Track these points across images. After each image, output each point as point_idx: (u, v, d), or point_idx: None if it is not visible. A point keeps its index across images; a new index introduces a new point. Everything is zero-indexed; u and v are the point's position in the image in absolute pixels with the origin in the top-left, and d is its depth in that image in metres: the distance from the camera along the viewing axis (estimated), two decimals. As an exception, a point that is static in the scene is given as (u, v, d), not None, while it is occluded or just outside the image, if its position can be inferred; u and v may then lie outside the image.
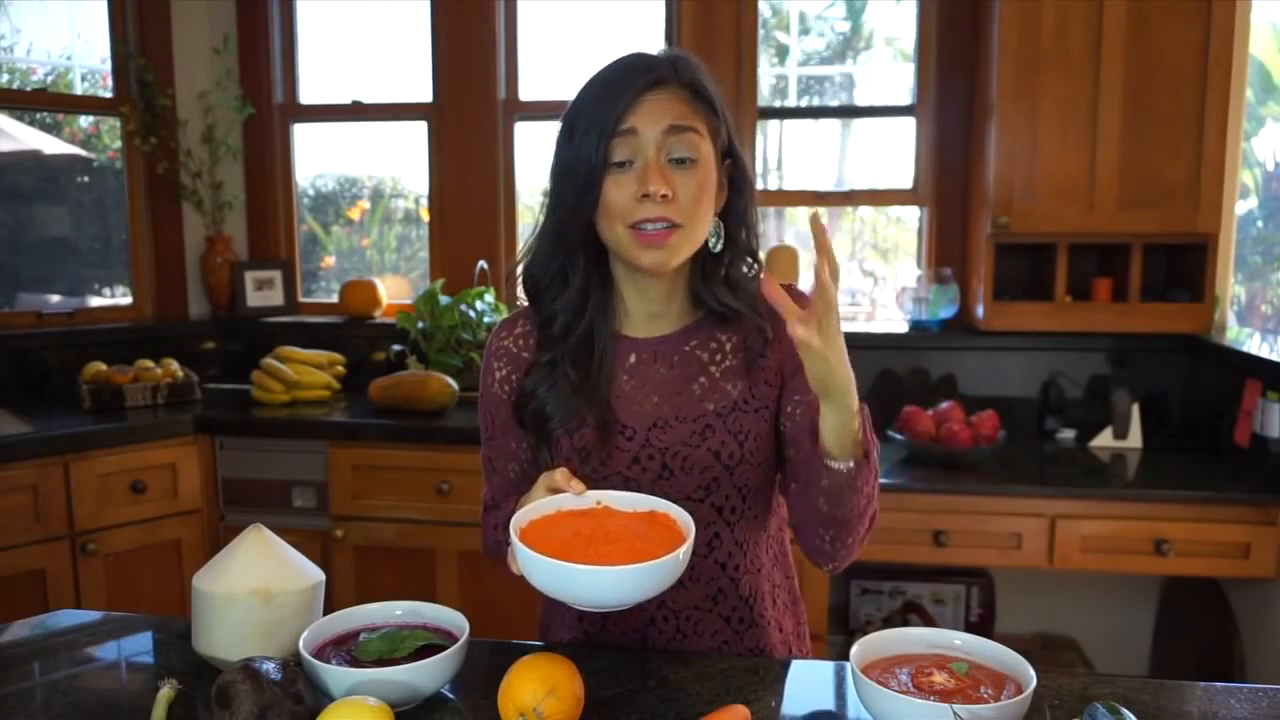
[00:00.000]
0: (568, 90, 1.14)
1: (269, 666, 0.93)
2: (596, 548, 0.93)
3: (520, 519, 0.98)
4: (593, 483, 1.11)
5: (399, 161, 3.51)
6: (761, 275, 1.20)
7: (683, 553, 0.91)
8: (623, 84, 1.08)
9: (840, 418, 0.99)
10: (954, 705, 0.86)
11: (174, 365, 2.88)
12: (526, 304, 1.23)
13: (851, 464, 1.02)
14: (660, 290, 1.17)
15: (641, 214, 1.07)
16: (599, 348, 1.16)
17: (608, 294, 1.18)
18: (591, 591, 0.90)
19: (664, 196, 1.06)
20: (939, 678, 0.94)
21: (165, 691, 1.00)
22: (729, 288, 1.17)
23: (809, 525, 1.11)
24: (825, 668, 1.13)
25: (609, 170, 1.08)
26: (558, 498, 1.02)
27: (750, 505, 1.17)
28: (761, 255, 1.22)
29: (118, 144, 3.23)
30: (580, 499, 1.02)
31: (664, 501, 1.02)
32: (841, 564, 1.13)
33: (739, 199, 1.17)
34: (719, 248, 1.16)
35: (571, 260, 1.14)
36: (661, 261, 1.09)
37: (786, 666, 1.12)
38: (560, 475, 1.02)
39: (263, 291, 3.28)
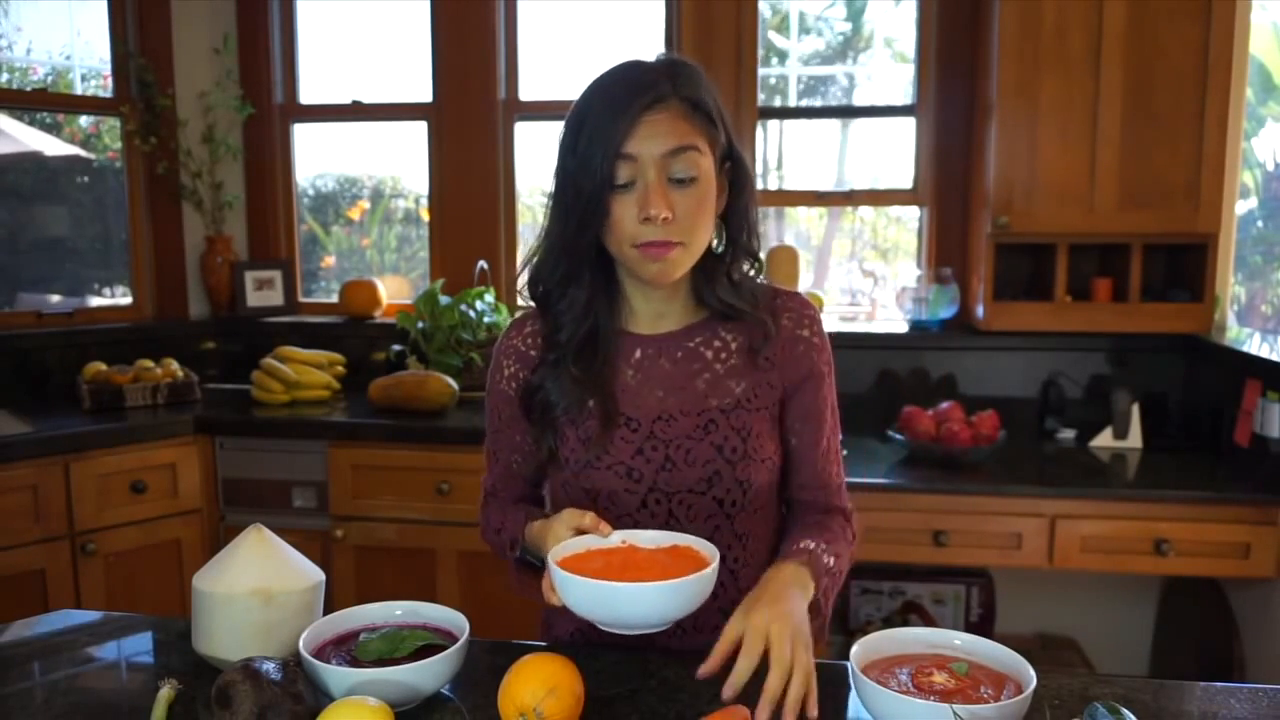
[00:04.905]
0: (567, 90, 1.15)
1: (269, 666, 0.93)
2: (630, 574, 0.99)
3: (555, 554, 1.03)
4: (596, 471, 1.16)
5: (399, 161, 3.51)
6: (762, 279, 1.23)
7: (710, 570, 0.98)
8: (623, 103, 1.08)
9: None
10: (954, 705, 0.86)
11: (174, 365, 2.88)
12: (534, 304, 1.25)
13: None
14: (664, 292, 1.19)
15: (645, 237, 1.09)
16: (603, 346, 1.19)
17: (613, 296, 1.21)
18: (626, 609, 0.96)
19: (665, 219, 1.07)
20: (939, 678, 0.94)
21: (165, 691, 1.00)
22: (731, 287, 1.19)
23: None
24: (825, 668, 1.13)
25: (613, 191, 1.09)
26: (585, 538, 1.07)
27: (752, 499, 1.19)
28: (762, 255, 1.23)
29: (118, 144, 3.23)
30: (607, 540, 1.07)
31: (684, 535, 1.08)
32: None
33: (739, 199, 1.18)
34: (720, 249, 1.18)
35: (576, 271, 1.16)
36: (663, 274, 1.12)
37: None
38: (590, 519, 1.07)
39: (263, 291, 3.29)
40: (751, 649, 0.92)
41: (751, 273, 1.22)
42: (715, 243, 1.17)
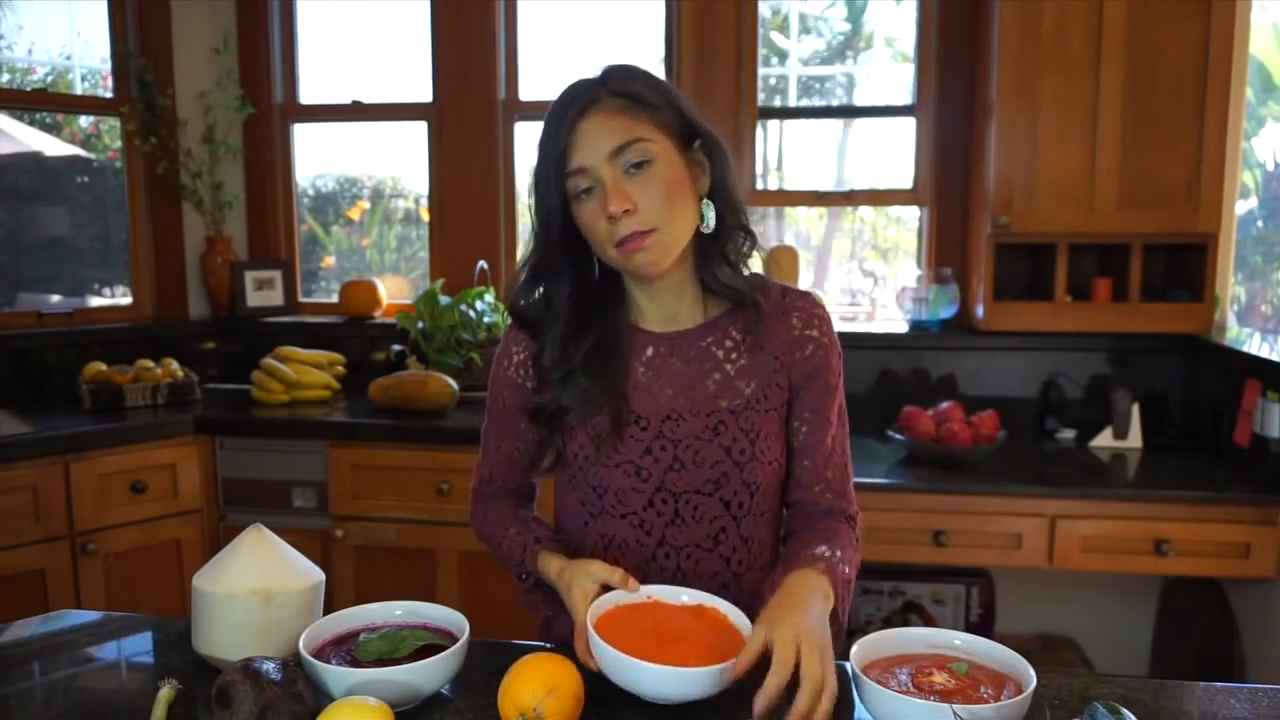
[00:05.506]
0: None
1: (269, 666, 0.93)
2: (667, 647, 1.01)
3: (591, 616, 1.04)
4: (604, 469, 1.16)
5: (399, 161, 3.51)
6: (758, 250, 1.23)
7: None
8: (559, 119, 1.11)
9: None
10: (954, 705, 0.86)
11: (174, 365, 2.88)
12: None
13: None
14: (669, 290, 1.19)
15: (618, 234, 1.10)
16: (613, 351, 1.19)
17: (619, 301, 1.21)
18: (659, 687, 0.98)
19: (626, 211, 1.08)
20: (939, 678, 0.94)
21: (165, 691, 1.00)
22: (730, 266, 1.19)
23: None
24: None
25: (579, 201, 1.11)
26: (614, 593, 1.09)
27: (758, 502, 1.20)
28: (760, 246, 1.23)
29: (118, 144, 3.23)
30: (634, 595, 1.09)
31: (707, 595, 1.10)
32: None
33: (716, 171, 1.17)
34: (711, 227, 1.16)
35: (555, 285, 1.18)
36: (650, 261, 1.11)
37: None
38: (619, 576, 1.08)
39: (263, 291, 3.28)
40: (783, 665, 0.90)
41: (746, 247, 1.21)
42: (705, 224, 1.15)
